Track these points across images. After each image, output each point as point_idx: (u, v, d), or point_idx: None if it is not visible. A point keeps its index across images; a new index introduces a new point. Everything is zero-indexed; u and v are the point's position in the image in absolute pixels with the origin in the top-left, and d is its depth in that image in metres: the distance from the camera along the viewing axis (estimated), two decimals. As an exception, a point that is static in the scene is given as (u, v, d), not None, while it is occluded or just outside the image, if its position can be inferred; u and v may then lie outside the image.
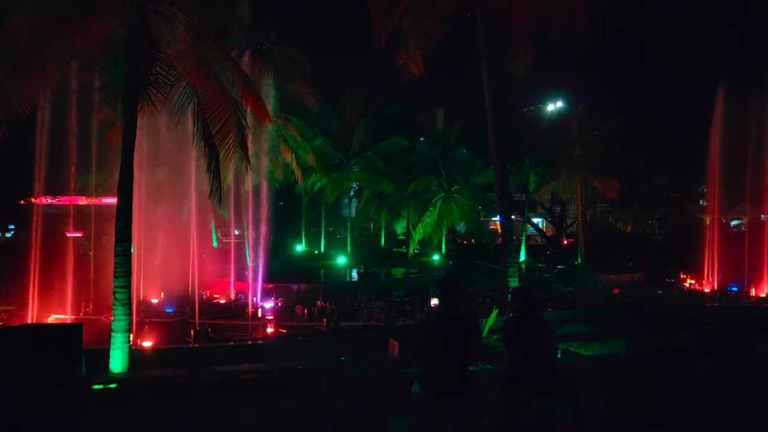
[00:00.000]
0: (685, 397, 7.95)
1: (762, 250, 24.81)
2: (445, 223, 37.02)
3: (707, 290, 24.73)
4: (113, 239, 11.71)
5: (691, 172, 47.09)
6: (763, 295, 23.23)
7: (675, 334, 14.91)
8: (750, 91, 26.31)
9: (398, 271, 32.29)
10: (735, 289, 24.18)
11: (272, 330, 16.17)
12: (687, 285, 26.18)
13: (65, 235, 18.04)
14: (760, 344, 11.06)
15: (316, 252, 41.62)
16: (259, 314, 18.53)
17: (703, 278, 25.96)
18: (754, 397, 7.60)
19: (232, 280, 22.02)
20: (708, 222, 46.32)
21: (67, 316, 15.74)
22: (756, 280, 24.28)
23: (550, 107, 50.70)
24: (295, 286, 23.10)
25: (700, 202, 53.94)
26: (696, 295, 24.25)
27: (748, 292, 23.79)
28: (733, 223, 30.11)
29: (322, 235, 42.03)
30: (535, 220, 54.47)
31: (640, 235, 50.53)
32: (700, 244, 28.93)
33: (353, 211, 45.43)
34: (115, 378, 10.56)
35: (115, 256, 11.49)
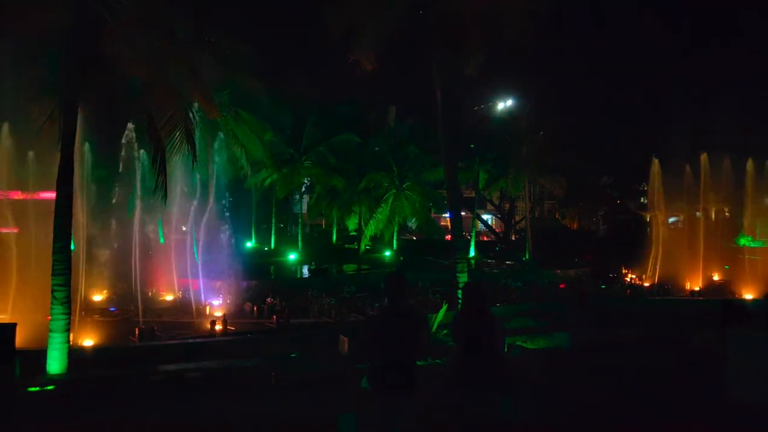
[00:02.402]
0: (624, 386, 8.27)
1: (697, 246, 26.03)
2: (396, 219, 37.24)
3: (647, 284, 25.75)
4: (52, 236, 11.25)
5: (632, 172, 49.04)
6: (697, 288, 24.37)
7: (617, 327, 15.48)
8: (690, 95, 27.58)
9: (350, 268, 32.30)
10: (672, 283, 25.26)
11: (220, 328, 15.90)
12: (628, 280, 27.18)
13: (-1, 230, 17.22)
14: (693, 335, 11.61)
15: (266, 248, 41.14)
16: (207, 312, 18.19)
17: (643, 273, 27.01)
18: (686, 383, 7.98)
19: (179, 277, 21.50)
20: (648, 219, 48.32)
21: (2, 315, 15.03)
22: (692, 274, 25.45)
23: (500, 106, 51.63)
24: (244, 283, 22.76)
25: (641, 200, 56.21)
26: (636, 289, 25.21)
27: (684, 286, 24.92)
28: (671, 220, 31.46)
29: (273, 232, 41.57)
30: (485, 217, 55.43)
31: (585, 231, 52.24)
32: (641, 240, 30.14)
33: (305, 207, 45.12)
34: (53, 379, 10.16)
35: (53, 253, 11.04)
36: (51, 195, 11.80)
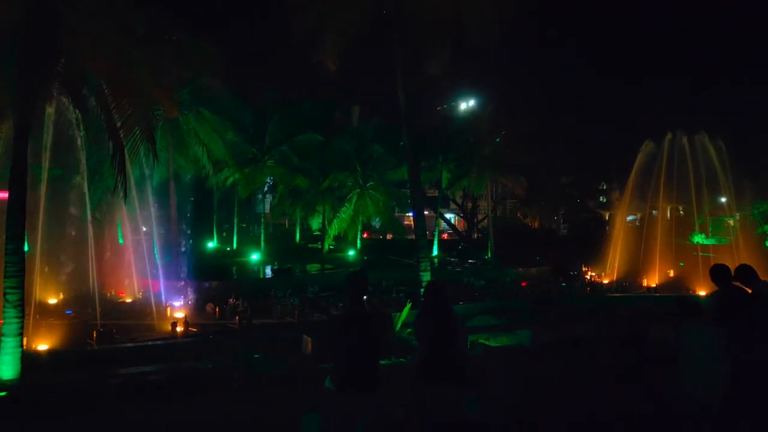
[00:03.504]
0: (584, 382, 8.51)
1: (653, 243, 26.85)
2: (360, 218, 37.27)
3: (606, 282, 26.44)
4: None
5: (591, 171, 50.26)
6: (653, 285, 25.15)
7: (577, 323, 15.89)
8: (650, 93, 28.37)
9: (313, 267, 32.19)
10: (630, 280, 26.00)
11: (182, 329, 15.66)
12: (588, 277, 27.84)
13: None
14: (650, 330, 12.00)
15: (228, 249, 40.65)
16: (168, 313, 17.87)
17: (602, 270, 27.72)
18: (642, 378, 8.25)
19: (139, 278, 21.05)
20: (606, 217, 49.54)
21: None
22: (648, 271, 26.24)
23: (463, 106, 52.19)
24: (206, 284, 22.48)
25: (600, 199, 57.64)
26: (596, 286, 25.85)
27: (641, 283, 25.69)
28: (629, 218, 32.36)
29: (235, 232, 41.11)
30: (448, 216, 55.94)
31: (546, 230, 53.22)
32: (600, 238, 30.92)
33: (267, 206, 44.72)
34: (5, 385, 9.85)
35: (6, 254, 10.69)
36: (3, 195, 11.43)
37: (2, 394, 9.20)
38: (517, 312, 18.33)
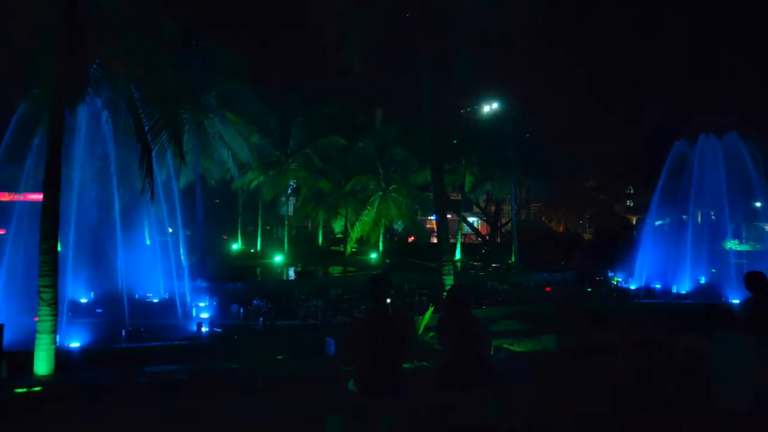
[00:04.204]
0: (609, 389, 8.40)
1: (683, 249, 26.28)
2: (382, 221, 37.31)
3: (633, 287, 26.00)
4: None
5: (618, 175, 49.62)
6: (683, 292, 24.62)
7: (602, 329, 15.65)
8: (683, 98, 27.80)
9: (336, 270, 32.33)
10: (659, 286, 25.50)
11: (207, 329, 15.87)
12: (615, 283, 27.42)
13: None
14: (679, 338, 11.79)
15: (252, 250, 41.04)
16: (194, 313, 18.13)
17: (629, 276, 27.26)
18: (672, 387, 8.12)
19: (166, 278, 21.40)
20: (634, 222, 48.83)
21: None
22: (678, 277, 25.69)
23: (487, 109, 51.95)
24: (230, 285, 22.72)
25: (628, 203, 56.89)
26: (623, 292, 25.42)
27: (671, 290, 25.17)
28: (658, 222, 31.79)
29: (259, 234, 41.50)
30: (471, 219, 55.68)
31: (571, 234, 52.68)
32: (627, 243, 30.38)
33: (291, 209, 45.07)
34: (40, 381, 10.12)
35: (40, 254, 11.00)
36: (38, 197, 11.74)
37: (37, 388, 9.46)
38: (542, 317, 18.14)
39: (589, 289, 25.44)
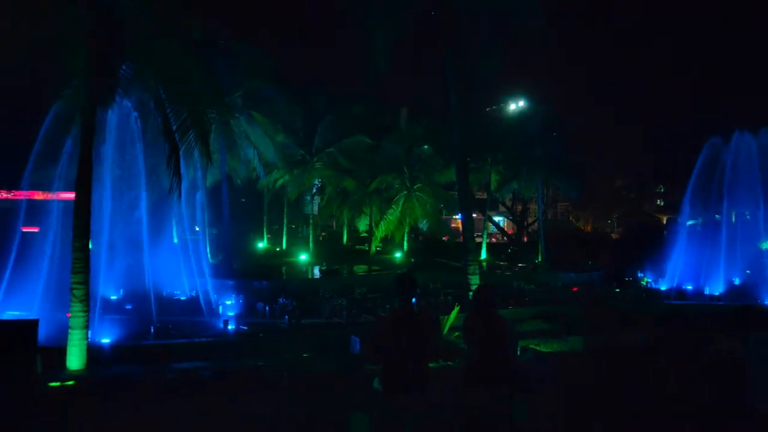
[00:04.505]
0: (639, 391, 8.24)
1: (717, 249, 25.63)
2: (407, 220, 37.27)
3: (663, 288, 25.49)
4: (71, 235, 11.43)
5: (649, 174, 48.75)
6: (716, 293, 24.04)
7: (631, 330, 15.36)
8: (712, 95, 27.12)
9: (360, 269, 32.38)
10: (690, 287, 24.95)
11: (233, 327, 16.03)
12: (644, 283, 26.93)
13: (21, 230, 17.52)
14: (712, 340, 11.51)
15: (277, 249, 41.37)
16: (220, 311, 18.33)
17: (660, 277, 26.74)
18: (704, 390, 7.93)
19: (192, 276, 21.69)
20: (664, 221, 47.87)
21: (23, 313, 15.29)
22: (711, 279, 25.08)
23: (513, 106, 51.47)
24: (256, 283, 22.91)
25: (658, 202, 55.84)
26: (653, 293, 24.94)
27: (703, 291, 24.59)
28: (690, 222, 31.10)
29: (284, 232, 41.80)
30: (497, 219, 55.27)
31: (599, 233, 51.92)
32: (657, 243, 29.75)
33: (316, 208, 45.32)
34: (72, 375, 10.33)
35: (72, 251, 11.23)
36: (71, 195, 11.99)
37: (70, 383, 9.67)
38: (569, 317, 17.89)
39: (617, 290, 25.03)
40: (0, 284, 15.75)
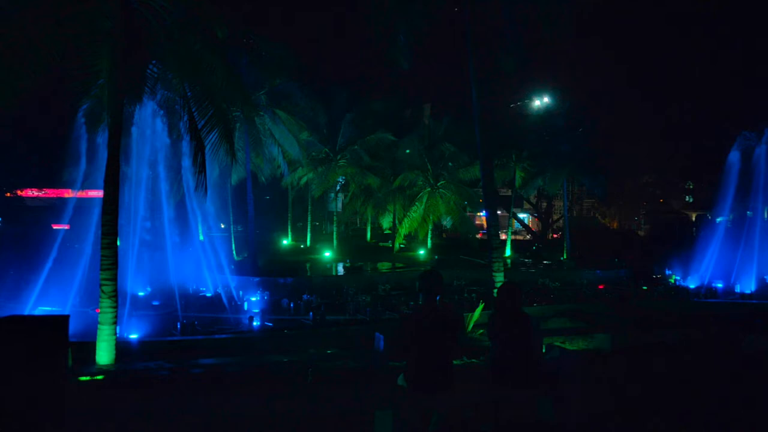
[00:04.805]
0: (668, 391, 8.09)
1: (748, 246, 25.02)
2: (431, 217, 37.16)
3: (692, 286, 25.00)
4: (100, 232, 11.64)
5: (677, 170, 47.82)
6: (748, 291, 23.49)
7: (660, 329, 15.11)
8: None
9: (384, 266, 32.40)
10: (721, 285, 24.42)
11: (258, 323, 16.18)
12: (672, 281, 26.45)
13: (52, 227, 17.92)
14: (743, 339, 11.26)
15: (302, 246, 41.62)
16: (246, 307, 18.53)
17: (688, 274, 26.23)
18: (735, 389, 7.75)
19: (218, 273, 21.96)
20: (693, 218, 46.92)
21: (54, 308, 15.66)
22: (743, 276, 24.50)
23: (537, 103, 50.92)
24: (281, 280, 23.09)
25: (686, 198, 54.76)
26: (681, 290, 24.49)
27: (734, 289, 24.04)
28: (719, 219, 30.40)
29: (308, 229, 42.04)
30: (521, 216, 54.82)
31: (625, 230, 51.13)
32: (686, 240, 29.15)
33: (339, 205, 45.47)
34: (102, 370, 10.53)
35: (101, 248, 11.43)
36: (99, 193, 12.21)
37: (99, 377, 9.86)
38: (595, 315, 17.68)
39: (645, 287, 24.61)
40: (36, 281, 16.12)
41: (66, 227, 18.34)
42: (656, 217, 50.41)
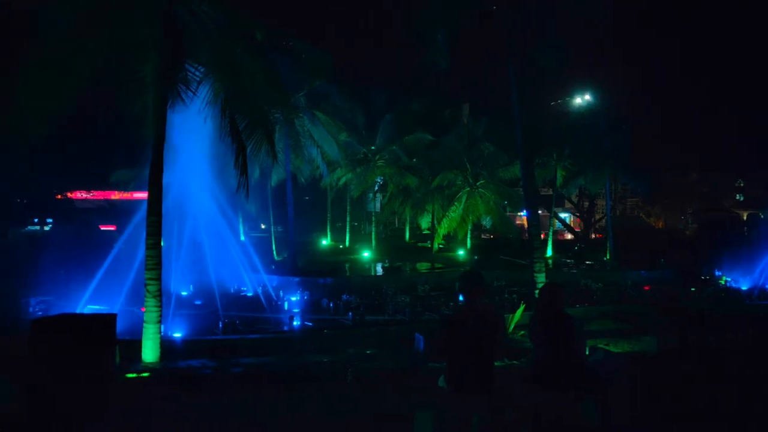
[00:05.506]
0: (718, 396, 7.80)
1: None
2: (470, 217, 36.84)
3: (745, 288, 24.06)
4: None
5: (727, 167, 46.17)
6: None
7: (710, 332, 14.60)
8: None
9: (423, 266, 32.28)
10: None
11: (298, 323, 16.33)
12: (723, 282, 25.53)
13: (99, 228, 18.49)
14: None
15: (341, 246, 41.87)
16: (286, 307, 18.72)
17: (740, 275, 25.27)
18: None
19: (259, 273, 22.27)
20: (744, 217, 45.18)
21: (102, 307, 16.14)
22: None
23: (579, 100, 49.90)
24: (320, 280, 23.25)
25: (737, 197, 52.80)
26: (733, 292, 23.62)
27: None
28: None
29: (347, 230, 42.26)
30: (563, 215, 53.84)
31: (672, 230, 49.63)
32: (737, 239, 28.06)
33: (378, 205, 45.55)
34: (148, 367, 10.80)
35: (146, 249, 11.73)
36: (144, 195, 12.53)
37: (145, 374, 10.12)
38: (640, 317, 17.21)
39: (693, 289, 23.81)
40: (86, 281, 16.63)
41: (113, 228, 18.88)
42: (704, 215, 48.74)
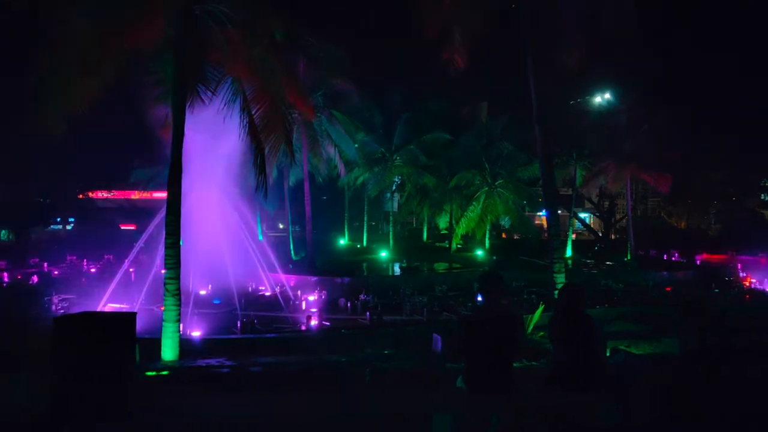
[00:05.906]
0: (738, 398, 7.64)
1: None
2: (488, 217, 36.63)
3: (771, 290, 23.61)
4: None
5: (751, 166, 45.26)
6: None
7: (733, 333, 14.32)
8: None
9: (441, 266, 32.18)
10: None
11: (316, 322, 16.36)
12: (747, 284, 25.06)
13: (119, 227, 18.71)
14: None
15: (358, 246, 41.90)
16: (303, 307, 18.77)
17: (765, 277, 24.78)
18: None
19: (276, 272, 22.36)
20: (768, 217, 44.21)
21: (122, 305, 16.35)
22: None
23: (598, 99, 49.29)
24: (338, 280, 23.28)
25: (762, 197, 51.76)
26: (758, 294, 23.18)
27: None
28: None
29: (365, 229, 42.26)
30: (582, 215, 53.27)
31: (694, 230, 48.80)
32: (762, 240, 27.52)
33: (395, 205, 45.49)
34: (167, 366, 10.88)
35: (165, 248, 11.83)
36: (163, 195, 12.63)
37: (164, 372, 10.20)
38: (661, 318, 16.94)
39: (716, 290, 23.40)
40: (108, 280, 16.85)
41: (133, 227, 19.10)
42: (728, 216, 47.87)
